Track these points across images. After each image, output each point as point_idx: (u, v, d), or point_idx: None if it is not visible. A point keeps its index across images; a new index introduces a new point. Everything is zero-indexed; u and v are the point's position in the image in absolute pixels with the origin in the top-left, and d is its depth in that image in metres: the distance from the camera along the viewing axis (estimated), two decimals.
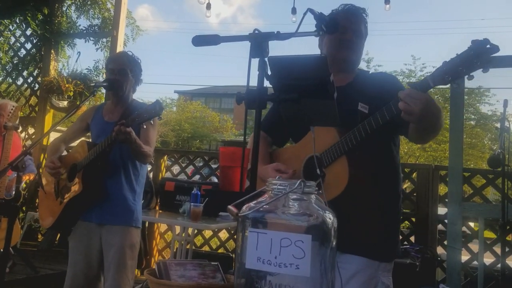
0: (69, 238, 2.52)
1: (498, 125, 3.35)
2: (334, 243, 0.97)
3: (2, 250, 3.20)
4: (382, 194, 1.70)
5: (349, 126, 1.60)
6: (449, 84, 1.40)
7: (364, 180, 1.60)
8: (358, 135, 1.54)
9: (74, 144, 2.72)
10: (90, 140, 2.60)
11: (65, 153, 2.76)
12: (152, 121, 2.25)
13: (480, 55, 1.30)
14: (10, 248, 3.58)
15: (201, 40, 1.28)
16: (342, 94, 1.70)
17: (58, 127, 2.99)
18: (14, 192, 3.52)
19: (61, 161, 2.55)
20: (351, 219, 1.45)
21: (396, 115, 1.47)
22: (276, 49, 1.27)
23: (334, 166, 1.60)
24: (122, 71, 2.49)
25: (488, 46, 1.30)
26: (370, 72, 1.90)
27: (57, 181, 2.57)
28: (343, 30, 1.75)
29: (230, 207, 1.08)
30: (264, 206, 0.96)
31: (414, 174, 4.22)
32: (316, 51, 1.89)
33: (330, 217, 0.97)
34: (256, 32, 1.26)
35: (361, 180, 1.58)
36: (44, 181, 2.66)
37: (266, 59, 1.24)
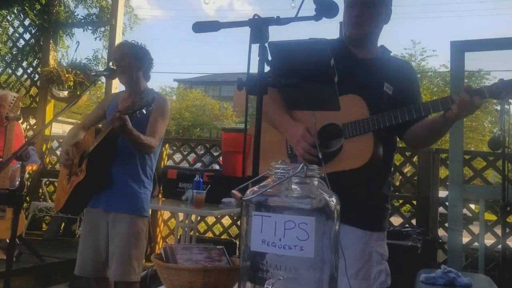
0: (81, 224, 2.56)
1: (498, 107, 3.35)
2: (337, 225, 0.99)
3: (8, 239, 3.25)
4: (381, 170, 1.72)
5: (374, 103, 1.63)
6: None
7: (380, 160, 1.62)
8: (393, 119, 1.56)
9: None
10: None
11: None
12: (163, 113, 2.24)
13: None
14: (16, 238, 3.62)
15: (201, 27, 1.28)
16: (368, 67, 1.73)
17: (59, 118, 2.99)
18: (18, 182, 3.54)
19: (77, 147, 2.57)
20: (346, 190, 1.46)
21: (427, 115, 1.55)
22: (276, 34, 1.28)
23: (357, 140, 1.60)
24: (123, 56, 2.48)
25: None
26: (391, 54, 1.87)
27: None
28: (351, 4, 1.72)
29: (234, 191, 1.09)
30: (268, 190, 0.98)
31: (415, 158, 4.24)
32: (316, 35, 1.89)
33: (333, 200, 0.98)
34: (256, 17, 1.27)
35: (378, 159, 1.61)
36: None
37: (266, 44, 1.24)
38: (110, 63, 2.58)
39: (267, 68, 1.26)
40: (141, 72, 2.55)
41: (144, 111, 2.17)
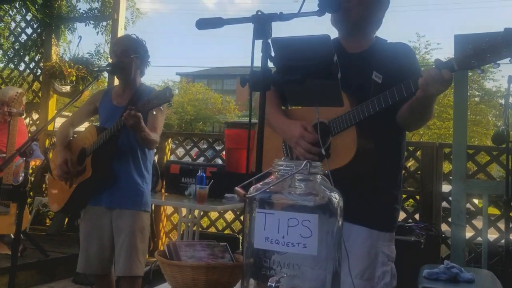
0: (79, 223, 2.56)
1: (503, 101, 3.33)
2: (340, 222, 0.99)
3: (12, 235, 3.26)
4: (384, 165, 1.68)
5: (361, 94, 1.58)
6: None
7: (370, 153, 1.59)
8: (372, 108, 1.51)
9: (82, 127, 2.73)
10: (97, 123, 2.61)
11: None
12: (161, 108, 2.23)
13: (510, 44, 1.26)
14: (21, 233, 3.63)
15: (205, 24, 1.28)
16: (355, 61, 1.69)
17: (63, 112, 2.99)
18: (21, 178, 3.56)
19: (70, 146, 2.57)
20: (351, 188, 1.39)
21: (413, 93, 1.46)
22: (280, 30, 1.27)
23: (342, 136, 1.58)
24: (125, 53, 2.48)
25: None
26: (388, 41, 1.82)
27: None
28: None
29: (237, 188, 1.09)
30: (271, 187, 0.97)
31: (418, 152, 4.22)
32: (319, 31, 1.87)
33: (336, 197, 0.98)
34: (259, 13, 1.26)
35: (367, 152, 1.57)
36: (52, 165, 2.68)
37: (269, 40, 1.24)
38: (109, 59, 2.57)
39: (270, 64, 1.26)
40: (139, 69, 2.56)
41: (161, 108, 2.16)
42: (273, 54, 1.26)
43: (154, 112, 2.19)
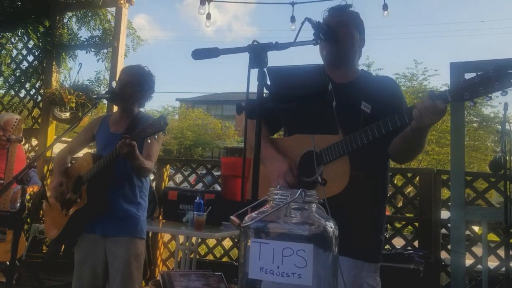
0: (75, 250, 2.53)
1: (500, 127, 3.34)
2: (336, 251, 0.98)
3: (8, 262, 3.22)
4: (370, 196, 1.69)
5: (350, 124, 1.60)
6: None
7: (361, 183, 1.59)
8: (365, 137, 1.53)
9: (80, 154, 2.74)
10: (94, 150, 2.61)
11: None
12: (156, 136, 2.23)
13: (501, 78, 1.30)
14: (16, 260, 3.60)
15: (200, 54, 1.30)
16: (344, 90, 1.70)
17: (63, 139, 3.00)
18: (19, 205, 3.54)
19: (67, 173, 2.57)
20: (337, 219, 1.42)
21: (407, 123, 1.49)
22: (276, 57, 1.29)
23: (335, 165, 1.58)
24: (129, 84, 2.50)
25: (510, 70, 1.30)
26: (373, 75, 1.90)
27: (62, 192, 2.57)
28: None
29: (232, 217, 1.09)
30: (266, 216, 0.97)
31: (417, 179, 4.22)
32: (315, 59, 1.90)
33: (331, 226, 0.98)
34: (255, 43, 1.29)
35: (358, 182, 1.58)
36: (48, 193, 2.67)
37: (265, 69, 1.26)
38: (113, 82, 2.58)
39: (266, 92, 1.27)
40: (139, 101, 2.58)
41: (156, 136, 2.17)
42: (269, 82, 1.28)
43: (149, 141, 2.20)
